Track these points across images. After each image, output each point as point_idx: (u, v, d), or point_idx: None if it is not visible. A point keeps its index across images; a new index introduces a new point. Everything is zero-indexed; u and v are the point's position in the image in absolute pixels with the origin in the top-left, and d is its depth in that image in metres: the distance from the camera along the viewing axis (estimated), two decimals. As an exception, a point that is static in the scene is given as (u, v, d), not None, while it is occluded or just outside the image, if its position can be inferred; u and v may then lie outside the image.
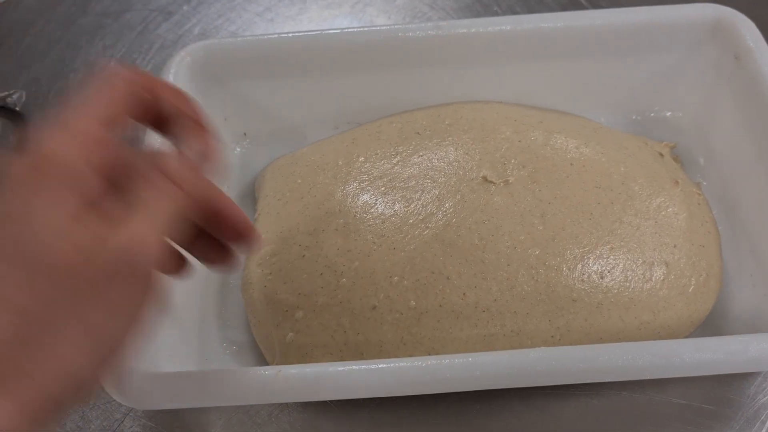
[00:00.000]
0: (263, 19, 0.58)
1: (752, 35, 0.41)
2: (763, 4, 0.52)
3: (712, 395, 0.37)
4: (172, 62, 0.42)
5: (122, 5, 0.60)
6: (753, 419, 0.37)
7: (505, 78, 0.45)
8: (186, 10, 0.59)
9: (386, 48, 0.43)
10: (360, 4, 0.58)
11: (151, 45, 0.57)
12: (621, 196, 0.39)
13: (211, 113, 0.44)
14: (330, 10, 0.58)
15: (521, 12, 0.57)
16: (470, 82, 0.45)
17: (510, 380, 0.32)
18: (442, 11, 0.57)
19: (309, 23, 0.57)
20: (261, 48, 0.44)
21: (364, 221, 0.38)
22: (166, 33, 0.58)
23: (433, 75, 0.45)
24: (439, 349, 0.35)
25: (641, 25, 0.43)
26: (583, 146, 0.41)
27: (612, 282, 0.36)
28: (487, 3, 0.57)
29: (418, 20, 0.57)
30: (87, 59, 0.56)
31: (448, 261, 0.36)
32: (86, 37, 0.58)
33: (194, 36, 0.57)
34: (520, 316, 0.36)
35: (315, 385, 0.31)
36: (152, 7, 0.59)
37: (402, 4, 0.58)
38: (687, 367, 0.31)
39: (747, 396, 0.37)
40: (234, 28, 0.58)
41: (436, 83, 0.45)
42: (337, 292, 0.36)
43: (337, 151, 0.42)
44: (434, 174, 0.39)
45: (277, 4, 0.59)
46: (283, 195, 0.40)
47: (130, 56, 0.56)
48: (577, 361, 0.31)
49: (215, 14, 0.59)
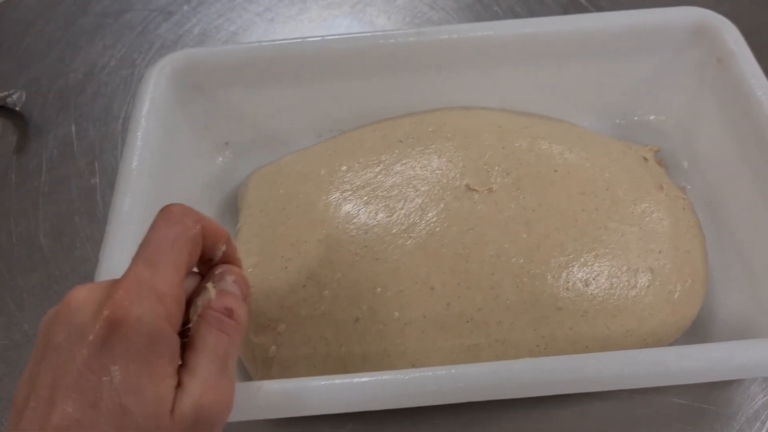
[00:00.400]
0: (263, 19, 0.58)
1: (734, 38, 0.40)
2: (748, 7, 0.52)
3: (712, 395, 0.37)
4: (152, 71, 0.42)
5: (122, 5, 0.60)
6: (753, 419, 0.36)
7: (489, 83, 0.45)
8: (186, 10, 0.59)
9: (368, 55, 0.43)
10: (360, 4, 0.58)
11: (151, 45, 0.57)
12: (605, 202, 0.39)
13: (192, 122, 0.44)
14: (330, 10, 0.58)
15: (521, 12, 0.57)
16: (454, 88, 0.45)
17: (494, 392, 0.31)
18: (442, 11, 0.57)
19: (309, 23, 0.57)
20: (241, 56, 0.43)
21: (347, 232, 0.37)
22: (166, 33, 0.58)
23: (417, 81, 0.45)
24: (424, 361, 0.35)
25: (624, 29, 0.43)
26: (568, 152, 0.41)
27: (597, 290, 0.36)
28: (488, 3, 0.57)
29: (419, 20, 0.57)
30: (87, 59, 0.56)
31: (432, 271, 0.36)
32: (86, 37, 0.58)
33: (194, 36, 0.57)
34: (504, 325, 0.35)
35: (297, 400, 0.31)
36: (152, 7, 0.59)
37: (402, 4, 0.58)
38: (672, 376, 0.31)
39: (747, 396, 0.37)
40: (234, 28, 0.58)
41: (420, 90, 0.45)
42: (320, 304, 0.36)
43: (320, 160, 0.41)
44: (417, 183, 0.39)
45: (277, 4, 0.59)
46: (265, 206, 0.40)
47: (130, 56, 0.57)
48: (560, 372, 0.30)
49: (215, 14, 0.59)
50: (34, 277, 0.44)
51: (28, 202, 0.48)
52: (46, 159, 0.50)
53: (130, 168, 0.37)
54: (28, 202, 0.48)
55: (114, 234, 0.35)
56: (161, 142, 0.40)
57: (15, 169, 0.50)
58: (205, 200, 0.44)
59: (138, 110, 0.40)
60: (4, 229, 0.46)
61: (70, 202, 0.47)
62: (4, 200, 0.48)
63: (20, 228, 0.46)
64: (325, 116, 0.46)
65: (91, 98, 0.54)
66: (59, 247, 0.45)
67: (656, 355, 0.31)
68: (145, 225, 0.36)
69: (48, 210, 0.47)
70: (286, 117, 0.46)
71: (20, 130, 0.52)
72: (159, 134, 0.40)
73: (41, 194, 0.48)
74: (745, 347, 0.31)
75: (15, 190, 0.49)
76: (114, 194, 0.37)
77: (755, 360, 0.31)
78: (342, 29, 0.57)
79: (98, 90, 0.54)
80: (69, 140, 0.51)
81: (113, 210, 0.36)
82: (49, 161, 0.50)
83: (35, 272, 0.44)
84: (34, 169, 0.50)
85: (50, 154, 0.51)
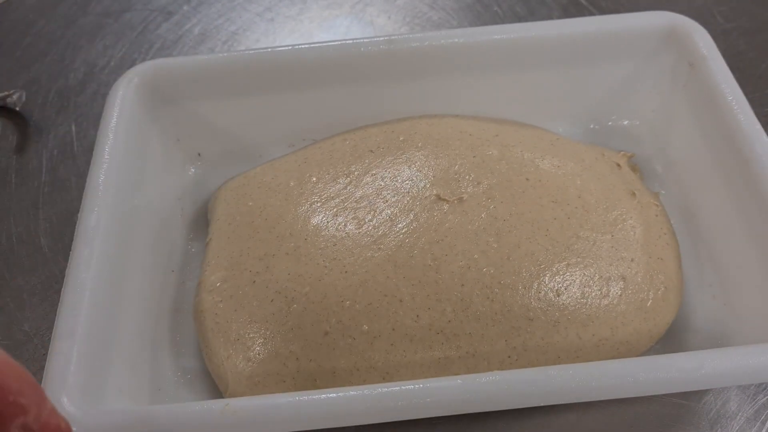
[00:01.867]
0: (263, 19, 0.58)
1: (705, 42, 0.40)
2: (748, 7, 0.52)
3: (712, 396, 0.37)
4: (119, 83, 0.41)
5: (122, 5, 0.60)
6: (753, 419, 0.36)
7: (461, 90, 0.45)
8: (186, 10, 0.59)
9: (339, 63, 0.43)
10: (360, 4, 0.58)
11: (151, 45, 0.57)
12: (577, 210, 0.39)
13: (162, 134, 0.44)
14: (330, 10, 0.58)
15: (521, 12, 0.57)
16: (426, 95, 0.45)
17: (462, 406, 0.31)
18: (442, 11, 0.57)
19: (309, 23, 0.57)
20: (211, 66, 0.43)
21: (316, 244, 0.37)
22: (166, 33, 0.57)
23: (389, 89, 0.44)
24: (393, 374, 0.35)
25: (596, 34, 0.42)
26: (539, 160, 0.41)
27: (569, 299, 0.36)
28: (488, 3, 0.57)
29: (419, 20, 0.57)
30: (87, 59, 0.56)
31: (401, 283, 0.36)
32: (86, 37, 0.58)
33: (194, 36, 0.57)
34: (475, 337, 0.35)
35: (264, 418, 0.31)
36: (152, 7, 0.59)
37: (402, 4, 0.58)
38: (641, 387, 0.31)
39: (747, 396, 0.37)
40: (234, 28, 0.57)
41: (392, 97, 0.45)
42: (288, 318, 0.35)
43: (289, 171, 0.41)
44: (387, 194, 0.39)
45: (277, 3, 0.59)
46: (233, 218, 0.40)
47: (130, 56, 0.57)
48: (527, 385, 0.30)
49: (215, 14, 0.59)
50: (34, 277, 0.44)
51: (28, 202, 0.48)
52: (46, 159, 0.50)
53: (97, 183, 0.37)
54: (28, 202, 0.48)
55: (80, 251, 0.35)
56: (130, 155, 0.40)
57: (15, 169, 0.50)
58: (177, 212, 0.44)
59: (105, 123, 0.40)
60: (4, 229, 0.46)
61: (70, 202, 0.47)
62: (4, 200, 0.48)
63: (20, 228, 0.46)
64: (298, 126, 0.45)
65: (91, 98, 0.54)
66: (59, 247, 0.45)
67: (625, 366, 0.31)
68: (111, 241, 0.36)
69: (48, 210, 0.47)
70: (259, 126, 0.45)
71: (20, 130, 0.52)
72: (128, 147, 0.40)
73: (41, 194, 0.48)
74: (713, 356, 0.31)
75: (15, 190, 0.48)
76: (80, 210, 0.36)
77: (723, 369, 0.30)
78: (342, 29, 0.57)
79: (98, 90, 0.54)
80: (69, 140, 0.51)
81: (79, 226, 0.36)
82: (49, 161, 0.50)
83: (35, 272, 0.44)
84: (34, 169, 0.50)
85: (50, 154, 0.50)
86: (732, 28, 0.54)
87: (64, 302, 0.33)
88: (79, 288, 0.34)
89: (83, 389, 0.31)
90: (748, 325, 0.36)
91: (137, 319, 0.37)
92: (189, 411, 0.31)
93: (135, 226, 0.39)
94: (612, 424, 0.36)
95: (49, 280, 0.43)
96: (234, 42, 0.57)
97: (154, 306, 0.39)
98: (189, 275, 0.41)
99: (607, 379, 0.30)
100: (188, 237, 0.43)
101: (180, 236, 0.43)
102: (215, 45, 0.57)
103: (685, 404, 0.37)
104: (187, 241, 0.43)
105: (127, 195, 0.39)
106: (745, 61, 0.52)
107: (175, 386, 0.38)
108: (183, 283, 0.41)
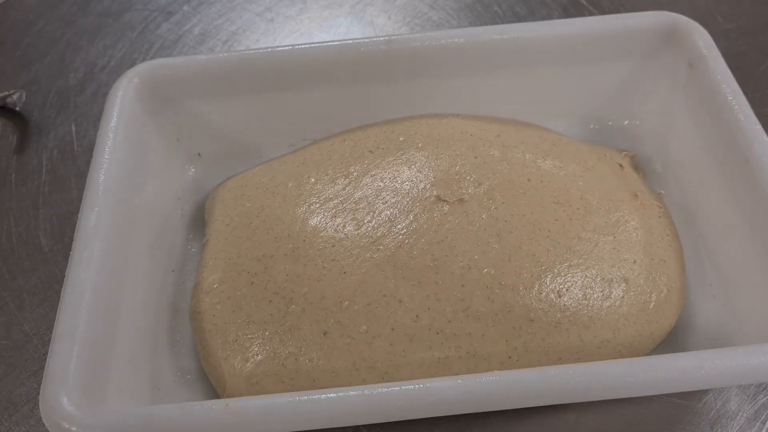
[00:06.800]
0: (263, 19, 0.58)
1: (705, 42, 0.40)
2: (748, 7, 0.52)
3: (712, 396, 0.37)
4: (119, 83, 0.41)
5: (122, 5, 0.60)
6: (753, 419, 0.36)
7: (462, 90, 0.45)
8: (186, 10, 0.59)
9: (339, 63, 0.43)
10: (360, 4, 0.58)
11: (151, 45, 0.57)
12: (579, 211, 0.38)
13: (162, 134, 0.44)
14: (330, 10, 0.58)
15: (522, 12, 0.57)
16: (426, 95, 0.44)
17: (462, 406, 0.31)
18: (443, 11, 0.57)
19: (309, 23, 0.57)
20: (211, 66, 0.43)
21: (314, 245, 0.37)
22: (166, 33, 0.58)
23: (389, 89, 0.44)
24: (393, 374, 0.34)
25: (596, 34, 0.42)
26: (541, 160, 0.40)
27: (570, 300, 0.36)
28: (488, 3, 0.57)
29: (419, 20, 0.57)
30: (87, 59, 0.56)
31: (400, 283, 0.35)
32: (86, 37, 0.58)
33: (194, 36, 0.57)
34: (475, 337, 0.35)
35: (264, 418, 0.30)
36: (152, 7, 0.59)
37: (402, 4, 0.58)
38: (642, 387, 0.31)
39: (747, 396, 0.37)
40: (234, 28, 0.57)
41: (392, 97, 0.45)
42: (287, 319, 0.35)
43: (288, 172, 0.41)
44: (386, 194, 0.39)
45: (277, 3, 0.59)
46: (231, 219, 0.40)
47: (130, 56, 0.57)
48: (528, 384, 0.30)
49: (215, 14, 0.59)
50: (34, 277, 0.44)
51: (28, 202, 0.48)
52: (46, 159, 0.50)
53: (97, 183, 0.37)
54: (28, 202, 0.48)
55: (80, 251, 0.35)
56: (130, 155, 0.40)
57: (15, 169, 0.50)
58: (177, 212, 0.44)
59: (105, 123, 0.40)
60: (4, 229, 0.46)
61: (70, 202, 0.47)
62: (4, 200, 0.48)
63: (20, 228, 0.46)
64: (298, 125, 0.45)
65: (91, 98, 0.54)
66: (59, 247, 0.45)
67: (625, 366, 0.31)
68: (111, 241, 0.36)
69: (48, 210, 0.47)
70: (259, 126, 0.45)
71: (20, 130, 0.52)
72: (127, 147, 0.40)
73: (41, 194, 0.48)
74: (713, 356, 0.31)
75: (15, 190, 0.49)
76: (80, 210, 0.36)
77: (723, 369, 0.30)
78: (342, 29, 0.57)
79: (98, 90, 0.54)
80: (69, 140, 0.51)
81: (78, 227, 0.36)
82: (49, 161, 0.50)
83: (35, 272, 0.44)
84: (34, 169, 0.50)
85: (50, 154, 0.50)
86: (732, 28, 0.54)
87: (64, 302, 0.33)
88: (79, 288, 0.34)
89: (83, 389, 0.31)
90: (748, 325, 0.36)
91: (137, 319, 0.37)
92: (189, 411, 0.31)
93: (135, 226, 0.39)
94: (612, 424, 0.36)
95: (49, 280, 0.43)
96: (234, 42, 0.57)
97: (153, 306, 0.39)
98: (189, 275, 0.41)
99: (607, 379, 0.30)
100: (188, 237, 0.43)
101: (180, 236, 0.43)
102: (215, 45, 0.57)
103: (685, 404, 0.37)
104: (187, 241, 0.43)
105: (127, 195, 0.39)
106: (745, 61, 0.52)
107: (175, 386, 0.38)
108: (183, 283, 0.41)
